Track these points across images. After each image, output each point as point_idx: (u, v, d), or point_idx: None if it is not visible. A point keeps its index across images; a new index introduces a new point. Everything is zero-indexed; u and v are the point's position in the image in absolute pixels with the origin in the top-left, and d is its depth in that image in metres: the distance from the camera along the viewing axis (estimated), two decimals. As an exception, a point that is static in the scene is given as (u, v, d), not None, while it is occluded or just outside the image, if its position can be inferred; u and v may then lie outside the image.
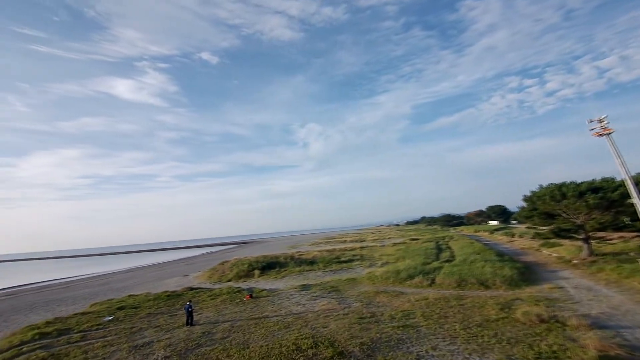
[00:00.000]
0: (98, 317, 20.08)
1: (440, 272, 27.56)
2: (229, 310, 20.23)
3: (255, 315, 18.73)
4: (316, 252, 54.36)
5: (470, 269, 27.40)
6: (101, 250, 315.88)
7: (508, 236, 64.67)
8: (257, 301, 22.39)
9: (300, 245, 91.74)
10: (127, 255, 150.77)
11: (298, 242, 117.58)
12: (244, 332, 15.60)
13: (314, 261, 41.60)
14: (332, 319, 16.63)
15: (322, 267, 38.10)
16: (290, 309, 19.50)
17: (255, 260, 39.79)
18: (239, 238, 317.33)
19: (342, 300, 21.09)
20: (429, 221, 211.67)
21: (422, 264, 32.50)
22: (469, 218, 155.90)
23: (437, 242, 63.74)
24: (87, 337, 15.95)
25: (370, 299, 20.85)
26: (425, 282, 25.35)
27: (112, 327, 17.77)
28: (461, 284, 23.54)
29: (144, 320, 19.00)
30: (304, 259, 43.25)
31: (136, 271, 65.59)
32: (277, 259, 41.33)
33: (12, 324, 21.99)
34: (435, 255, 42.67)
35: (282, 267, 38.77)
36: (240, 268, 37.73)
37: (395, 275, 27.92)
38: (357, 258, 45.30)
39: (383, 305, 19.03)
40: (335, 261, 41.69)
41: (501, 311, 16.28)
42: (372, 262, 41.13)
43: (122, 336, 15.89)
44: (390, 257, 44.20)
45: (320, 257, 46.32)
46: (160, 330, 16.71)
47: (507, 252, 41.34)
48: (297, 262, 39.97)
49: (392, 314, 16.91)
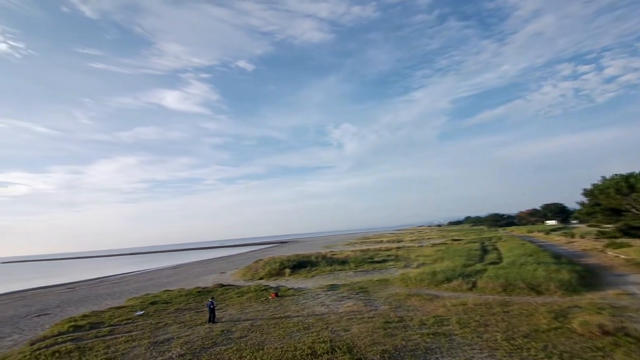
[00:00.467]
0: (131, 311, 20.92)
1: (483, 274, 24.94)
2: (253, 309, 19.90)
3: (277, 314, 18.14)
4: (349, 251, 53.01)
5: (519, 272, 24.42)
6: (156, 248, 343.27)
7: (567, 237, 57.70)
8: (282, 300, 21.86)
9: (336, 245, 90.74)
10: (178, 253, 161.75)
11: (334, 242, 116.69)
12: (262, 332, 15.02)
13: (345, 261, 40.39)
14: (355, 322, 15.43)
15: (353, 267, 36.78)
16: (313, 310, 18.62)
17: (287, 259, 39.60)
18: (279, 238, 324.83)
19: (369, 302, 19.74)
20: (474, 221, 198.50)
21: (462, 266, 29.83)
22: (521, 218, 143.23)
23: (483, 242, 58.95)
24: (114, 331, 16.51)
25: (400, 302, 19.25)
26: (465, 285, 23.01)
27: (140, 321, 18.30)
28: (508, 289, 20.93)
29: (171, 316, 19.35)
30: (336, 258, 42.22)
31: (182, 268, 69.11)
32: (309, 258, 40.78)
33: (65, 314, 23.77)
34: (480, 256, 39.20)
35: (313, 266, 38.11)
36: (272, 266, 37.75)
37: (430, 277, 25.79)
38: (392, 258, 43.21)
39: (414, 309, 17.38)
40: (367, 261, 40.10)
41: (554, 320, 13.89)
42: (407, 263, 38.88)
43: (147, 331, 16.18)
44: (428, 258, 41.49)
45: (352, 257, 44.95)
46: (184, 327, 16.77)
47: (565, 254, 36.61)
48: (328, 262, 39.07)
49: (423, 320, 15.27)
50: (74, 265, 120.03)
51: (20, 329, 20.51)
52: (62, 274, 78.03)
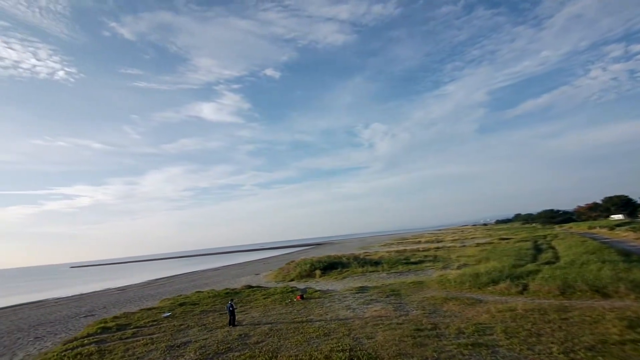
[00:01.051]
0: (159, 312, 21.17)
1: (536, 276, 21.93)
2: (276, 312, 19.07)
3: (299, 318, 17.09)
4: (384, 252, 50.70)
5: (580, 272, 21.07)
6: (202, 251, 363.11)
7: (636, 232, 50.11)
8: (307, 303, 20.79)
9: (371, 247, 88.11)
10: (221, 256, 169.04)
11: (370, 243, 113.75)
12: (280, 337, 14.04)
13: (378, 262, 38.40)
14: (381, 329, 13.86)
15: (386, 268, 34.73)
16: (337, 314, 17.30)
17: (318, 261, 38.59)
18: (315, 240, 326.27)
19: (399, 306, 17.95)
20: (526, 219, 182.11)
21: (511, 267, 26.63)
22: (580, 213, 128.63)
23: (536, 241, 53.28)
24: (138, 333, 16.56)
25: (436, 307, 17.23)
26: (514, 288, 20.27)
27: (165, 323, 18.29)
28: (566, 292, 18.00)
29: (196, 318, 19.16)
30: (369, 259, 40.36)
31: (221, 270, 71.17)
32: (340, 259, 39.41)
33: (107, 315, 24.79)
34: (532, 256, 35.09)
35: (344, 267, 36.67)
36: (303, 268, 36.98)
37: (473, 279, 23.17)
38: (430, 259, 40.34)
39: (451, 316, 15.36)
40: (403, 262, 37.73)
41: (628, 329, 11.25)
42: (446, 264, 35.93)
43: (168, 334, 15.98)
44: (471, 258, 38.06)
45: (387, 257, 42.75)
46: (204, 330, 16.37)
47: (635, 252, 31.41)
48: (360, 263, 37.37)
49: (461, 327, 13.29)
50: (130, 269, 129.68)
51: (68, 328, 21.67)
52: (118, 277, 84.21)
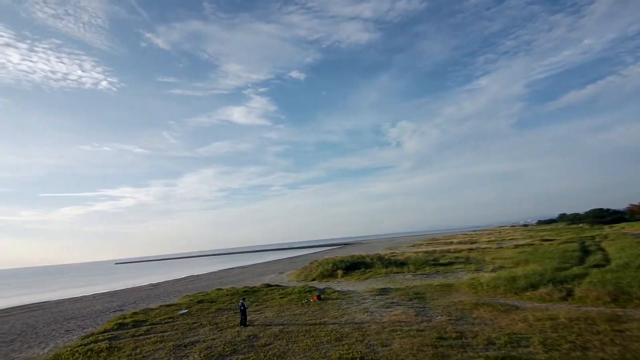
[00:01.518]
0: (176, 309, 21.21)
1: (583, 280, 19.45)
2: (290, 312, 18.29)
3: (312, 320, 16.17)
4: (411, 253, 48.42)
5: (636, 276, 18.34)
6: (234, 249, 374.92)
7: None
8: (323, 304, 19.81)
9: (399, 247, 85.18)
10: (250, 254, 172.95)
11: (398, 243, 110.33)
12: (289, 340, 13.20)
13: (404, 262, 36.51)
14: (399, 335, 12.55)
15: (412, 269, 32.83)
16: (353, 317, 16.15)
17: (340, 260, 37.48)
18: (343, 240, 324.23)
19: (422, 310, 16.43)
20: (571, 219, 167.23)
21: (554, 270, 23.94)
22: (633, 212, 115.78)
23: (583, 242, 48.29)
24: (151, 330, 16.49)
25: (464, 313, 15.54)
26: (556, 293, 18.00)
27: (180, 321, 18.18)
28: (620, 298, 15.59)
29: (210, 316, 18.89)
30: (394, 259, 38.56)
31: (249, 268, 72.13)
32: (363, 259, 37.99)
33: (134, 310, 25.44)
34: (578, 258, 31.57)
35: (368, 268, 35.24)
36: (325, 268, 36.06)
37: (509, 282, 20.96)
38: (461, 261, 37.73)
39: (481, 323, 13.67)
40: (431, 263, 35.56)
41: None
42: (480, 266, 33.31)
43: (179, 332, 15.73)
44: (508, 260, 35.07)
45: (413, 258, 40.64)
46: (215, 329, 15.95)
47: None
48: (384, 263, 35.72)
49: (492, 337, 11.67)
50: (167, 266, 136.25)
51: (97, 322, 22.41)
52: (155, 273, 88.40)
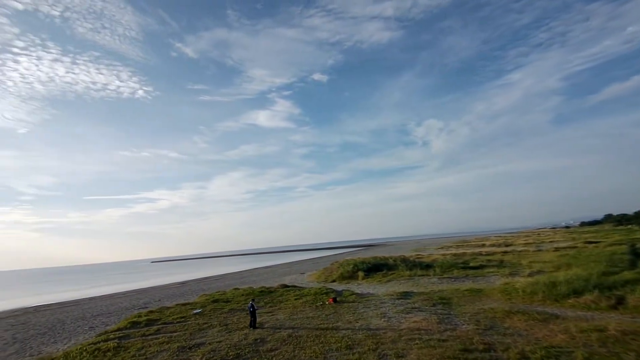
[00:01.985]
0: (191, 308, 21.00)
1: (637, 286, 16.86)
2: (303, 315, 17.36)
3: (325, 324, 15.12)
4: (438, 255, 45.87)
5: None
6: (261, 250, 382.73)
7: None
8: (339, 307, 18.69)
9: (426, 249, 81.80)
10: (276, 255, 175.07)
11: (426, 245, 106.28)
12: (296, 345, 12.26)
13: (430, 265, 34.41)
14: (417, 345, 11.20)
15: (438, 272, 30.74)
16: (368, 322, 14.89)
17: (361, 262, 36.07)
18: (368, 241, 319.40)
19: (447, 317, 14.85)
20: (618, 220, 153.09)
21: (600, 274, 21.18)
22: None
23: (633, 245, 43.23)
24: (161, 330, 16.20)
25: (494, 321, 13.81)
26: (604, 301, 15.75)
27: (191, 321, 17.83)
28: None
29: (222, 317, 18.40)
30: (419, 262, 36.52)
31: (272, 268, 72.34)
32: (386, 261, 36.31)
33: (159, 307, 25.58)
34: (629, 262, 27.99)
35: (390, 270, 33.56)
36: (345, 269, 34.86)
37: (548, 288, 18.72)
38: (493, 264, 34.99)
39: (514, 334, 11.97)
40: (459, 266, 33.21)
41: None
42: (515, 270, 30.61)
43: (187, 333, 15.29)
44: (547, 264, 32.00)
45: (440, 260, 38.34)
46: (224, 331, 15.36)
47: None
48: (408, 265, 33.85)
49: (527, 351, 10.05)
50: (198, 265, 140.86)
51: (120, 319, 22.81)
52: (185, 272, 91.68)
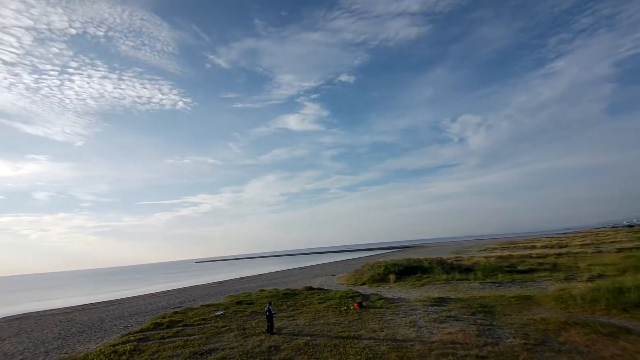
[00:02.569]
0: (214, 310, 20.68)
1: None
2: (324, 320, 16.16)
3: (346, 332, 13.80)
4: (481, 257, 42.20)
5: None
6: (297, 251, 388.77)
7: None
8: (364, 313, 17.23)
9: (468, 251, 76.53)
10: (310, 256, 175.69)
11: (467, 247, 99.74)
12: (312, 355, 11.11)
13: (471, 268, 31.47)
14: (449, 362, 9.55)
15: (480, 276, 27.88)
16: (395, 331, 13.31)
17: (393, 264, 34.04)
18: (405, 243, 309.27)
19: (488, 329, 12.82)
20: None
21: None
22: None
23: None
24: (179, 333, 15.85)
25: (547, 334, 11.61)
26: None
27: (211, 323, 17.39)
28: None
29: (242, 320, 17.76)
30: (457, 264, 33.63)
31: (305, 269, 71.97)
32: (420, 263, 33.90)
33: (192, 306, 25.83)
34: None
35: (425, 273, 31.20)
36: (376, 271, 33.10)
37: (613, 295, 15.83)
38: (545, 268, 31.16)
39: (571, 350, 9.85)
40: (505, 270, 29.95)
41: None
42: (571, 274, 26.91)
43: (204, 337, 14.74)
44: (610, 267, 27.78)
45: (483, 263, 35.08)
46: (240, 335, 14.64)
47: None
48: (445, 268, 31.22)
49: (592, 377, 8.03)
50: (237, 265, 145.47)
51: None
52: (225, 272, 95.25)
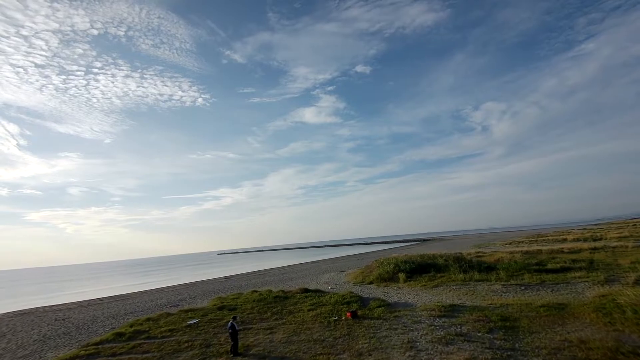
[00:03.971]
0: (190, 318, 18.24)
1: None
2: (306, 336, 13.37)
3: (327, 353, 10.96)
4: (505, 253, 38.01)
5: None
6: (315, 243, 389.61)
7: None
8: (357, 325, 14.30)
9: (491, 245, 71.51)
10: (327, 249, 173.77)
11: (490, 240, 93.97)
12: (269, 393, 8.48)
13: (492, 267, 27.71)
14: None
15: (504, 276, 24.17)
16: (386, 355, 10.38)
17: (404, 261, 30.76)
18: (425, 235, 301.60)
19: (509, 355, 9.65)
20: None
21: None
22: None
23: None
24: (136, 348, 13.42)
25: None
26: None
27: (176, 337, 14.83)
28: None
29: (211, 333, 15.07)
30: (477, 261, 29.85)
31: (317, 263, 69.85)
32: (434, 261, 30.38)
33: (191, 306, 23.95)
34: None
35: (439, 271, 27.77)
36: (384, 269, 29.99)
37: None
38: (580, 266, 26.86)
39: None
40: (532, 268, 26.02)
41: None
42: (612, 274, 22.75)
43: (159, 355, 12.33)
44: (661, 266, 23.35)
45: (507, 260, 31.15)
46: (200, 356, 12.12)
47: None
48: (462, 267, 27.57)
49: None
50: (254, 257, 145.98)
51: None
52: (240, 264, 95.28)
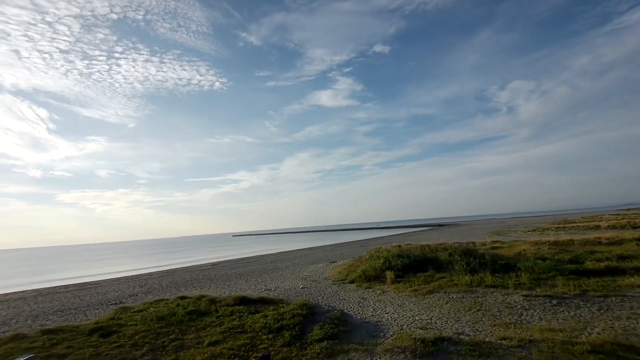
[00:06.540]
0: (24, 352, 13.19)
1: None
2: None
3: None
4: (528, 245, 30.88)
5: None
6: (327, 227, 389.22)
7: None
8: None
9: (512, 231, 63.74)
10: (336, 233, 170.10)
11: (511, 226, 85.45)
12: None
13: (511, 265, 21.02)
14: None
15: (526, 281, 17.52)
16: None
17: (396, 255, 24.53)
18: (441, 220, 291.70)
19: None
20: None
21: None
22: None
23: None
24: None
25: None
26: None
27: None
28: None
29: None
30: (492, 255, 23.16)
31: (315, 249, 64.84)
32: (435, 257, 23.92)
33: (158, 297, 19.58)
34: None
35: (440, 269, 21.43)
36: (371, 265, 23.99)
37: None
38: (634, 266, 19.69)
39: None
40: (565, 267, 19.21)
41: None
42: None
43: None
44: None
45: (531, 254, 24.37)
46: None
47: None
48: (470, 264, 21.00)
49: None
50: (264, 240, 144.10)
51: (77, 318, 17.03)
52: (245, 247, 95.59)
